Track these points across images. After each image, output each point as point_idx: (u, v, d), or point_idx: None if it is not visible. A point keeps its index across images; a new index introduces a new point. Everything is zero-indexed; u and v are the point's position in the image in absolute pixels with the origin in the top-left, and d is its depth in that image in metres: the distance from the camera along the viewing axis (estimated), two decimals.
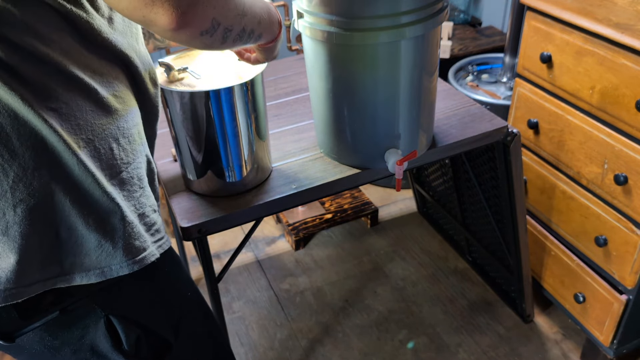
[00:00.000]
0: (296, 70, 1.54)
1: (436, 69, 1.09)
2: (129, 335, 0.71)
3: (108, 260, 0.66)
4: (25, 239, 0.61)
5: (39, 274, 0.63)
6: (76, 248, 0.64)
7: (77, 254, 0.64)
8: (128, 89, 0.69)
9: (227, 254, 2.01)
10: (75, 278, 0.65)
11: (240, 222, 1.06)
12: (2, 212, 0.59)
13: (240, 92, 0.95)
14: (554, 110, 1.36)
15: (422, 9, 0.94)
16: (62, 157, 0.60)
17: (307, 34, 0.99)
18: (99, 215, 0.64)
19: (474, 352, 1.62)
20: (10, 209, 0.59)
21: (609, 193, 1.27)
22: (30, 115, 0.57)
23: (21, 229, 0.60)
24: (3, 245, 0.61)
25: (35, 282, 0.63)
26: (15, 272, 0.61)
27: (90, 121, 0.62)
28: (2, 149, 0.58)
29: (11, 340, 0.67)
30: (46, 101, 0.58)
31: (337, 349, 1.65)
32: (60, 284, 0.64)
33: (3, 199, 0.59)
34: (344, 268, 1.93)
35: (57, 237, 0.63)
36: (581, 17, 1.21)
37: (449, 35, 2.16)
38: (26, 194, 0.59)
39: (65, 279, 0.65)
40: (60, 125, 0.59)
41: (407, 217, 2.14)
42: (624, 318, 1.35)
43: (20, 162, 0.58)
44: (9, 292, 0.62)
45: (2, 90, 0.56)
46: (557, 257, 1.50)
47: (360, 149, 1.11)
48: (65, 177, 0.61)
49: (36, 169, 0.59)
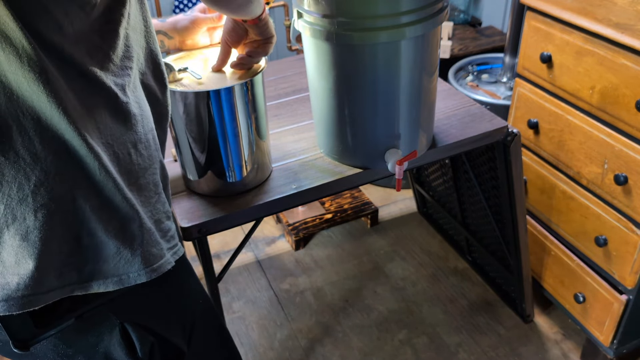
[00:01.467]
0: (296, 70, 1.54)
1: (436, 69, 1.09)
2: (143, 344, 0.70)
3: (126, 268, 0.65)
4: (45, 244, 0.60)
5: (57, 280, 0.62)
6: (95, 255, 0.63)
7: (96, 261, 0.63)
8: (142, 92, 0.68)
9: (227, 254, 2.01)
10: (93, 286, 0.64)
11: (240, 222, 1.06)
12: (23, 217, 0.58)
13: (240, 92, 0.95)
14: (554, 110, 1.36)
15: (422, 9, 0.94)
16: (84, 161, 0.59)
17: (307, 34, 0.99)
18: (119, 222, 0.63)
19: (474, 352, 1.62)
20: (30, 213, 0.58)
21: (609, 193, 1.27)
22: (55, 119, 0.56)
23: (41, 234, 0.59)
24: (22, 251, 0.60)
25: (53, 289, 0.62)
26: (33, 278, 0.60)
27: (109, 125, 0.61)
28: (25, 152, 0.56)
29: (26, 348, 0.65)
30: (70, 104, 0.57)
31: (337, 349, 1.65)
32: (78, 291, 0.63)
33: (24, 203, 0.58)
34: (344, 268, 1.93)
35: (76, 243, 0.62)
36: (581, 17, 1.21)
37: (449, 35, 2.16)
38: (47, 199, 0.58)
39: (83, 286, 0.64)
40: (84, 128, 0.58)
41: (407, 217, 2.14)
42: (624, 318, 1.35)
43: (42, 167, 0.57)
44: (26, 299, 0.61)
45: (27, 92, 0.55)
46: (557, 257, 1.50)
47: (360, 149, 1.11)
48: (87, 182, 0.60)
49: (58, 173, 0.58)
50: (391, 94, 1.03)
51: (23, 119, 0.56)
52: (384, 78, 1.01)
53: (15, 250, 0.59)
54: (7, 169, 0.56)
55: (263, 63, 0.99)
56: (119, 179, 0.62)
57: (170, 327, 0.74)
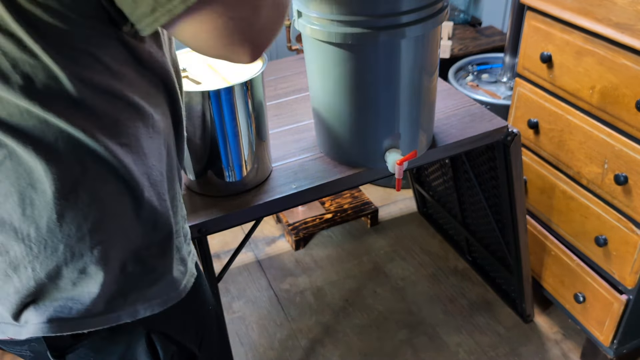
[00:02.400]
0: (296, 70, 1.54)
1: (436, 69, 1.09)
2: (166, 352, 0.72)
3: (166, 289, 0.67)
4: (100, 276, 0.62)
5: (104, 306, 0.64)
6: (139, 281, 0.65)
7: (140, 287, 0.66)
8: (165, 103, 0.68)
9: (227, 254, 2.01)
10: (140, 311, 0.66)
11: (240, 222, 1.06)
12: (80, 254, 0.60)
13: (240, 92, 0.95)
14: (554, 110, 1.36)
15: (422, 9, 0.94)
16: (136, 195, 0.61)
17: (307, 34, 0.99)
18: (158, 247, 0.66)
19: (474, 352, 1.62)
20: (87, 250, 0.60)
21: (609, 193, 1.27)
22: (109, 157, 0.58)
23: (97, 268, 0.61)
24: (80, 281, 0.62)
25: (101, 315, 0.64)
26: (85, 306, 0.63)
27: (150, 147, 0.62)
28: (84, 194, 0.58)
29: (62, 358, 0.67)
30: (118, 138, 0.58)
31: (337, 349, 1.65)
32: (125, 318, 0.65)
33: (81, 242, 0.59)
34: (344, 268, 1.92)
35: (122, 271, 0.64)
36: (581, 17, 1.21)
37: (449, 35, 2.16)
38: (105, 236, 0.60)
39: (129, 312, 0.66)
40: (134, 161, 0.60)
41: (407, 217, 2.14)
42: (624, 318, 1.35)
43: (99, 206, 0.59)
44: (75, 321, 0.63)
45: (82, 136, 0.56)
46: (557, 257, 1.50)
47: (360, 149, 1.11)
48: (137, 215, 0.62)
49: (111, 212, 0.60)
50: (391, 94, 1.03)
51: (88, 162, 0.57)
52: (384, 78, 1.01)
53: (73, 281, 0.61)
54: (68, 211, 0.58)
55: (263, 63, 0.99)
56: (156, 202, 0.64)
57: (187, 333, 0.76)
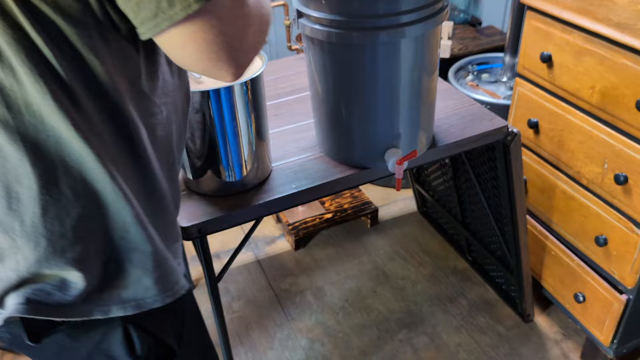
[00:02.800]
0: (296, 70, 1.54)
1: (436, 69, 1.09)
2: (143, 343, 0.73)
3: (144, 294, 0.69)
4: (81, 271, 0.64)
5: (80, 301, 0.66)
6: (118, 281, 0.67)
7: (117, 287, 0.67)
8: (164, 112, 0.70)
9: (227, 253, 2.01)
10: (112, 309, 0.67)
11: (240, 221, 1.06)
12: (62, 249, 0.62)
13: (240, 91, 0.95)
14: (554, 109, 1.36)
15: (422, 9, 0.94)
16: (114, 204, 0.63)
17: (307, 34, 0.99)
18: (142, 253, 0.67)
19: (474, 352, 1.62)
20: (68, 246, 0.62)
21: (609, 193, 1.27)
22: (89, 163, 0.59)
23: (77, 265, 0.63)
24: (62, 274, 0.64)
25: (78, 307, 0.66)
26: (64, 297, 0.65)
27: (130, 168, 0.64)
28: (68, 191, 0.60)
29: (38, 341, 0.69)
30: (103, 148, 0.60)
31: (337, 349, 1.65)
32: (98, 314, 0.67)
33: (63, 238, 0.61)
34: (344, 268, 1.92)
35: (103, 269, 0.66)
36: (581, 16, 1.21)
37: (449, 35, 2.16)
38: (86, 234, 0.62)
39: (103, 310, 0.67)
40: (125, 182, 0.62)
41: (407, 217, 2.14)
42: (624, 318, 1.35)
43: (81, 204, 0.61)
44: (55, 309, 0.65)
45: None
46: (557, 256, 1.50)
47: (360, 149, 1.11)
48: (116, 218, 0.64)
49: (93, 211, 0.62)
50: (391, 94, 1.03)
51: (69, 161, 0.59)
52: (384, 78, 1.01)
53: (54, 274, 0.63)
54: (51, 207, 0.60)
55: (263, 63, 0.99)
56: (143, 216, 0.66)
57: (165, 329, 0.76)
